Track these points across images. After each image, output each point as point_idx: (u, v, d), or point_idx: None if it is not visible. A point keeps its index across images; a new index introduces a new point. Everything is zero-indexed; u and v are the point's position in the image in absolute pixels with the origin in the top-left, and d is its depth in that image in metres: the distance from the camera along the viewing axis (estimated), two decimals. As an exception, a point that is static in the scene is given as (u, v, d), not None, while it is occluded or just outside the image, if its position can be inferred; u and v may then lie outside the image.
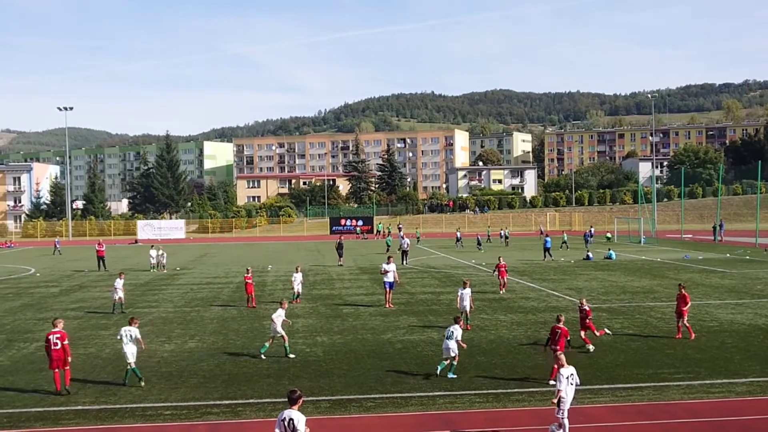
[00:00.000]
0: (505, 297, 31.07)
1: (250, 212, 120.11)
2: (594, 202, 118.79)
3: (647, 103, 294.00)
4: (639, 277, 38.63)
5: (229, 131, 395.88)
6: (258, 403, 15.41)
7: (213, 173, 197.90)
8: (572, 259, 50.41)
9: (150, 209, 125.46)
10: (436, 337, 22.18)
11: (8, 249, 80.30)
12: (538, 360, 18.88)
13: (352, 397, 15.75)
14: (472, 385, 16.52)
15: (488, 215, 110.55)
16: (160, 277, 43.00)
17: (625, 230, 74.59)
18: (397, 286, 30.18)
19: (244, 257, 58.45)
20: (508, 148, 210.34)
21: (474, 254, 56.38)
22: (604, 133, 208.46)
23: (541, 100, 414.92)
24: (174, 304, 30.71)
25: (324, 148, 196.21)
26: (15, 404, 15.52)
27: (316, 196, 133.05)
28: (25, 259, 61.24)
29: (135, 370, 17.02)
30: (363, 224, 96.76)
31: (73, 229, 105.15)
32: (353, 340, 21.95)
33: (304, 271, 36.43)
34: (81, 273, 46.46)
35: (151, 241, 75.35)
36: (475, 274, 41.69)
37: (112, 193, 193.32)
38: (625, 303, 28.64)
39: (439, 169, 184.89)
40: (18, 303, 32.13)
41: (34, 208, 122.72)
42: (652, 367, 17.96)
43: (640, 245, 63.30)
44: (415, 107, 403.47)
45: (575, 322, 20.96)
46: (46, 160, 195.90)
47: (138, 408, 15.14)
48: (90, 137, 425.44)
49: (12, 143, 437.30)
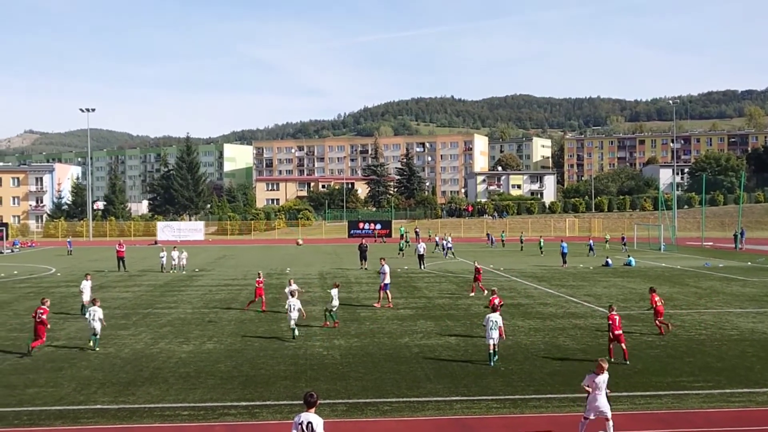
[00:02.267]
0: (523, 303, 30.93)
1: (268, 215, 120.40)
2: (614, 209, 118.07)
3: (668, 110, 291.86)
4: (659, 284, 38.27)
5: (249, 134, 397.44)
6: (275, 405, 15.45)
7: (232, 176, 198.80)
8: (591, 265, 50.13)
9: (170, 211, 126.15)
10: (453, 342, 22.16)
11: (30, 248, 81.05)
12: (555, 366, 18.80)
13: (369, 400, 15.76)
14: (489, 390, 16.48)
15: (507, 220, 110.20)
16: (179, 278, 43.23)
17: (645, 237, 74.07)
18: (413, 290, 30.16)
19: (263, 260, 58.64)
20: (527, 153, 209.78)
21: (493, 258, 56.19)
22: (624, 139, 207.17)
23: (561, 105, 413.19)
24: (192, 306, 30.87)
25: (343, 151, 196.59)
26: (35, 402, 15.67)
27: (335, 199, 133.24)
28: (45, 259, 61.78)
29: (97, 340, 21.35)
30: (381, 228, 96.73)
31: (94, 230, 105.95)
32: (370, 344, 21.95)
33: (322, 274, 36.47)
34: (101, 273, 46.80)
35: (171, 243, 75.79)
36: (492, 278, 41.55)
37: (132, 195, 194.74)
38: (644, 310, 28.42)
39: (458, 174, 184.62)
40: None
41: (56, 209, 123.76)
42: (671, 375, 17.83)
43: (660, 252, 62.83)
44: (434, 111, 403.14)
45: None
46: (68, 161, 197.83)
47: (156, 408, 15.23)
48: (111, 139, 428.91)
49: (35, 144, 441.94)
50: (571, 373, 18.01)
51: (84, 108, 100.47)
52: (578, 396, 15.79)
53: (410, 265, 50.28)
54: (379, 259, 33.21)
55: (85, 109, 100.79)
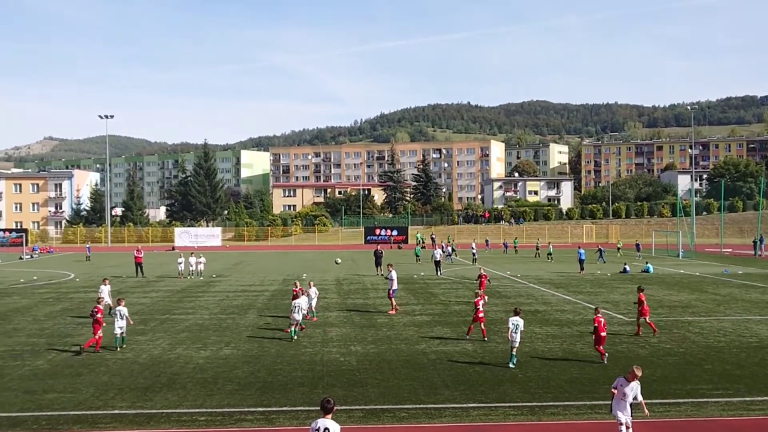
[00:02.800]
0: (540, 309, 30.79)
1: (285, 221, 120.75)
2: (631, 215, 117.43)
3: (686, 115, 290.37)
4: (677, 291, 38.07)
5: (266, 140, 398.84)
6: (292, 411, 15.46)
7: (249, 182, 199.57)
8: (609, 272, 49.86)
9: (187, 217, 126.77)
10: (470, 348, 22.09)
11: (48, 254, 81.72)
12: (573, 373, 18.69)
13: (386, 407, 15.73)
14: (506, 397, 16.41)
15: (524, 227, 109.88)
16: (196, 284, 43.41)
17: (663, 243, 73.61)
18: (430, 296, 30.13)
19: (280, 265, 58.78)
20: (544, 159, 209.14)
21: (511, 265, 56.05)
22: (642, 145, 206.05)
23: (578, 111, 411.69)
24: (210, 311, 30.97)
25: (360, 157, 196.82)
26: (53, 407, 15.77)
27: (351, 205, 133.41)
28: (64, 265, 62.25)
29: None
30: (397, 234, 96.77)
31: (112, 236, 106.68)
32: (387, 350, 21.93)
33: (338, 280, 36.61)
34: (119, 279, 47.09)
35: (188, 249, 76.15)
36: (510, 285, 41.43)
37: (150, 201, 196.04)
38: (662, 317, 28.23)
39: (474, 180, 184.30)
40: (58, 307, 32.68)
41: (75, 215, 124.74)
42: (690, 383, 17.68)
43: (679, 259, 62.42)
44: (451, 118, 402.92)
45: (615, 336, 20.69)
46: (87, 168, 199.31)
47: (174, 413, 15.29)
48: (130, 145, 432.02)
49: (54, 150, 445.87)
50: (590, 380, 17.92)
51: (103, 115, 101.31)
52: (596, 403, 15.72)
53: (427, 272, 50.24)
54: (387, 265, 33.37)
55: (104, 116, 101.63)
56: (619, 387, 12.81)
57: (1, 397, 16.56)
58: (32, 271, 54.21)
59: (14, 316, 29.82)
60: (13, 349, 22.56)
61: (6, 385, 17.79)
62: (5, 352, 22.07)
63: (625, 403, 12.78)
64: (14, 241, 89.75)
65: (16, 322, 28.31)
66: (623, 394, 12.76)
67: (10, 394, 16.84)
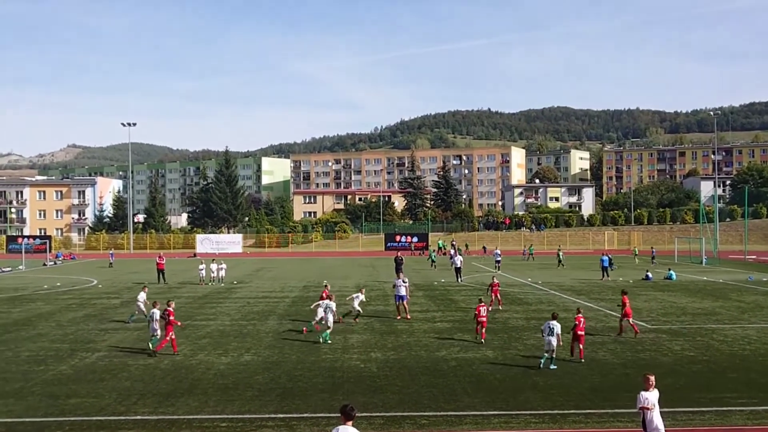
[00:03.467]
0: (561, 317, 30.55)
1: (306, 227, 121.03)
2: (653, 221, 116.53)
3: (709, 121, 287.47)
4: (700, 298, 37.71)
5: (287, 147, 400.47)
6: (312, 417, 15.48)
7: (270, 188, 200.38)
8: (631, 279, 49.49)
9: (209, 223, 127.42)
10: (491, 355, 22.01)
11: (72, 260, 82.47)
12: (595, 381, 18.56)
13: (406, 414, 15.70)
14: (527, 405, 16.32)
15: (545, 233, 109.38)
16: (217, 290, 43.62)
17: (686, 250, 72.96)
18: (450, 303, 30.07)
19: (300, 272, 58.92)
20: (565, 165, 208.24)
21: (532, 272, 55.80)
22: (664, 151, 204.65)
23: (599, 117, 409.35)
24: (231, 318, 31.10)
25: (380, 164, 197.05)
26: (77, 412, 15.90)
27: (372, 212, 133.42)
28: (87, 271, 62.78)
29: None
30: (418, 240, 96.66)
31: (134, 242, 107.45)
32: (407, 357, 21.90)
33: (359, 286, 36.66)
34: (141, 285, 47.37)
35: (210, 255, 76.53)
36: (531, 292, 41.24)
37: (172, 207, 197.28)
38: (685, 325, 27.98)
39: (495, 187, 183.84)
40: (81, 313, 32.96)
41: (98, 221, 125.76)
42: (714, 392, 17.48)
43: (702, 266, 61.83)
44: (471, 124, 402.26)
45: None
46: (110, 175, 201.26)
47: (195, 419, 15.35)
48: (152, 152, 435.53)
49: (77, 158, 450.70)
50: (611, 388, 17.79)
51: (125, 122, 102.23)
52: (618, 411, 15.60)
53: (447, 278, 50.15)
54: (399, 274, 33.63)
55: (127, 124, 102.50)
56: (645, 401, 12.29)
57: (26, 402, 16.74)
58: (56, 277, 54.74)
59: (38, 322, 30.13)
60: (37, 354, 22.78)
61: (30, 389, 17.98)
62: (30, 357, 22.30)
63: (656, 413, 12.27)
64: (38, 248, 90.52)
65: (40, 327, 28.60)
66: (652, 405, 12.25)
67: (34, 399, 17.01)
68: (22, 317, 31.78)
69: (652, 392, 12.44)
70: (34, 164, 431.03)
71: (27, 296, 41.10)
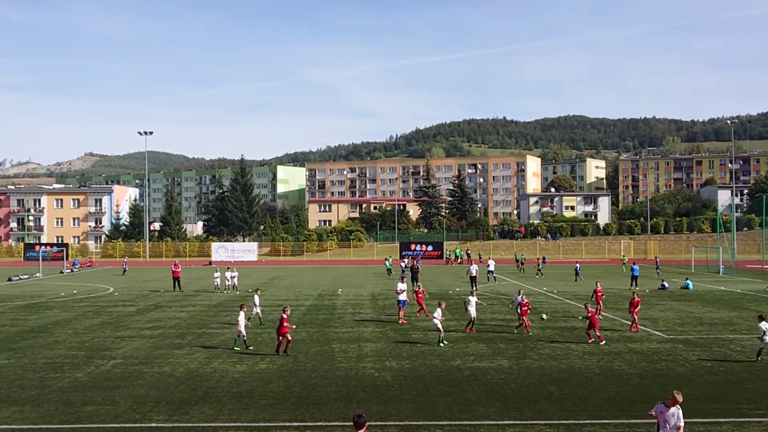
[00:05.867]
0: (577, 326, 30.41)
1: (321, 236, 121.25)
2: (670, 231, 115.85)
3: (726, 130, 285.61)
4: (717, 308, 37.42)
5: (302, 156, 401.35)
6: (326, 426, 15.47)
7: (285, 197, 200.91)
8: (647, 288, 49.19)
9: (224, 231, 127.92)
10: (506, 365, 21.92)
11: (88, 268, 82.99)
12: (610, 391, 18.44)
13: (421, 423, 15.66)
14: (542, 415, 16.24)
15: (560, 242, 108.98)
16: (232, 298, 43.72)
17: (703, 260, 72.47)
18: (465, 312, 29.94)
19: (315, 280, 58.98)
20: (581, 174, 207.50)
21: (547, 281, 55.57)
22: (681, 160, 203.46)
23: (615, 125, 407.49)
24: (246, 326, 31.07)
25: (395, 173, 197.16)
26: (92, 419, 15.96)
27: (387, 220, 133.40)
28: (103, 279, 63.15)
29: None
30: (433, 249, 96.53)
31: (150, 250, 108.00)
32: (422, 366, 21.85)
33: (373, 295, 36.73)
34: (157, 293, 47.63)
35: (225, 263, 76.80)
36: (545, 301, 41.08)
37: (188, 216, 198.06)
38: (702, 335, 27.77)
39: (510, 195, 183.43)
40: (97, 321, 33.13)
41: (114, 229, 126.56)
42: (732, 402, 17.32)
43: (719, 275, 61.38)
44: (486, 133, 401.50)
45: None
46: (126, 183, 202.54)
47: (209, 427, 15.39)
48: (168, 161, 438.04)
49: (94, 166, 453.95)
50: (627, 398, 17.67)
51: (142, 131, 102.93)
52: (634, 422, 15.49)
53: (462, 287, 50.03)
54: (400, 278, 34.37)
55: (143, 132, 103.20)
56: (659, 414, 12.12)
57: (42, 409, 16.83)
58: (72, 285, 55.09)
59: (55, 329, 30.32)
60: (53, 361, 22.92)
61: (47, 396, 18.08)
62: (46, 364, 22.43)
63: (667, 429, 12.07)
64: (55, 256, 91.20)
65: (56, 334, 28.78)
66: (664, 421, 12.04)
67: (50, 406, 17.11)
68: (39, 324, 31.99)
69: (672, 409, 12.03)
70: (51, 172, 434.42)
71: (44, 303, 41.39)
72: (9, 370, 21.46)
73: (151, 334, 28.56)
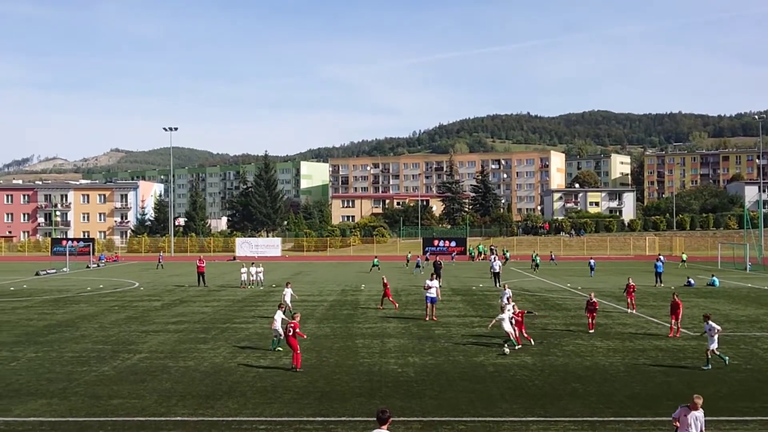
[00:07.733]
0: (601, 323, 30.20)
1: (344, 231, 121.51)
2: (696, 227, 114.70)
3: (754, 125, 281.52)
4: (744, 305, 37.02)
5: (325, 152, 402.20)
6: (350, 421, 15.51)
7: (309, 192, 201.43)
8: (672, 285, 48.74)
9: (248, 227, 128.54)
10: (530, 361, 21.83)
11: (114, 263, 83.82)
12: (635, 389, 18.30)
13: (444, 419, 15.65)
14: (566, 411, 16.16)
15: (584, 238, 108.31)
16: (256, 293, 43.97)
17: (730, 256, 71.68)
18: (489, 308, 29.91)
19: (338, 276, 59.12)
20: (605, 170, 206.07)
21: (570, 278, 55.28)
22: (707, 156, 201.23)
23: (640, 121, 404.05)
24: (269, 321, 31.25)
25: (418, 168, 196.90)
26: (118, 413, 16.14)
27: (410, 216, 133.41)
28: (129, 274, 63.76)
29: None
30: (456, 245, 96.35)
31: (175, 246, 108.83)
32: (445, 362, 21.83)
33: (396, 290, 36.77)
34: (182, 288, 48.01)
35: (249, 258, 77.21)
36: (570, 297, 40.88)
37: (212, 211, 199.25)
38: (728, 332, 27.48)
39: (534, 191, 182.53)
40: (123, 315, 33.46)
41: (139, 224, 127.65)
42: (759, 401, 17.13)
43: (746, 272, 60.70)
44: (510, 128, 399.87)
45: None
46: (152, 179, 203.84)
47: (234, 421, 15.49)
48: (193, 157, 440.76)
49: (120, 162, 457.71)
50: (652, 396, 17.54)
51: (167, 127, 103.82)
52: (659, 419, 15.37)
53: (485, 283, 49.92)
54: (430, 275, 34.45)
55: (168, 128, 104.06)
56: (682, 417, 12.00)
57: (70, 402, 17.04)
58: (98, 280, 55.68)
59: (81, 323, 30.66)
60: (80, 355, 23.18)
61: (74, 390, 18.30)
62: (73, 358, 22.70)
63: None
64: (82, 250, 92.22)
65: (83, 329, 29.09)
66: (687, 425, 11.92)
67: (77, 399, 17.31)
68: (66, 318, 32.37)
69: (694, 412, 11.95)
70: (78, 168, 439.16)
71: (71, 298, 41.87)
72: (37, 364, 21.75)
73: (176, 329, 28.79)
